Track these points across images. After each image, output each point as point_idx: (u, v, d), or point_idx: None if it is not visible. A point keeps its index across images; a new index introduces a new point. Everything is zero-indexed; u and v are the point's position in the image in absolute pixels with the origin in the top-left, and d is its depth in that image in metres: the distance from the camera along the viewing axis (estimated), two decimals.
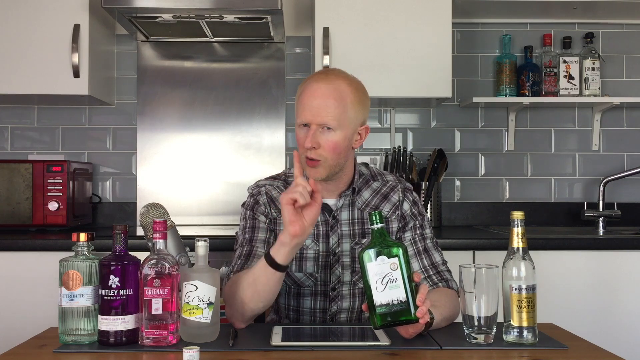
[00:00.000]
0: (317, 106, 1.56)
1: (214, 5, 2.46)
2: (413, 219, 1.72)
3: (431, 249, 1.70)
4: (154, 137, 2.95)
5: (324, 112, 1.55)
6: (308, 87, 1.60)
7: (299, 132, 1.60)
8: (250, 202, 1.72)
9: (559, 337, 1.43)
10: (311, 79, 1.62)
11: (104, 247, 1.72)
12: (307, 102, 1.57)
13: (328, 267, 1.67)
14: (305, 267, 1.67)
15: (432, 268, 1.67)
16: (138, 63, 2.98)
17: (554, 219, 3.03)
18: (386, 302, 1.30)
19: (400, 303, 1.30)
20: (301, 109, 1.59)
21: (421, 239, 1.70)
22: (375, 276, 1.31)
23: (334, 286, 1.68)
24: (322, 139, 1.57)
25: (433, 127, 3.06)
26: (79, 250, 1.36)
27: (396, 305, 1.30)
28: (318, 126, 1.56)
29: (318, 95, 1.57)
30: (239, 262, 1.62)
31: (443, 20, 2.68)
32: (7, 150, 2.98)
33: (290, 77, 3.01)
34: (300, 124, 1.59)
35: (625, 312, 2.39)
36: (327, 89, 1.57)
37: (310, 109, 1.56)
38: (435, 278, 1.66)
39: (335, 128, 1.57)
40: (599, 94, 2.94)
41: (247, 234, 1.68)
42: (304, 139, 1.57)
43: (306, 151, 1.57)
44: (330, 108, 1.56)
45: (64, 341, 1.35)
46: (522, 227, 1.36)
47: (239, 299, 1.48)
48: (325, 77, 1.61)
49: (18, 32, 2.62)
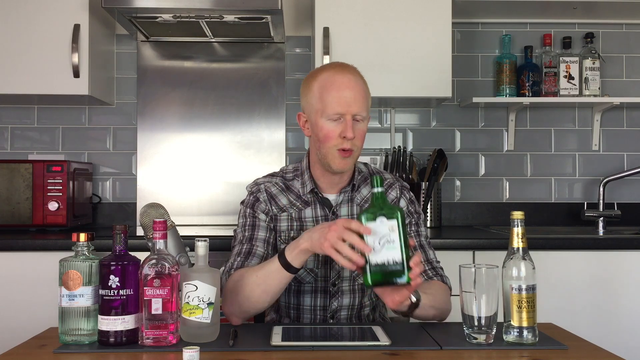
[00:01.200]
0: (351, 97, 1.58)
1: (214, 5, 2.46)
2: (409, 216, 1.74)
3: (426, 246, 1.73)
4: (154, 137, 2.95)
5: (358, 103, 1.59)
6: (334, 80, 1.60)
7: (328, 125, 1.60)
8: (250, 200, 1.72)
9: (559, 337, 1.43)
10: (330, 71, 1.63)
11: (104, 247, 1.72)
12: (338, 94, 1.58)
13: (328, 262, 1.68)
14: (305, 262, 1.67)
15: (427, 263, 1.70)
16: (138, 63, 2.98)
17: (554, 219, 3.03)
18: (381, 262, 1.32)
19: (395, 264, 1.32)
20: (332, 101, 1.59)
21: (417, 235, 1.73)
22: (373, 236, 1.32)
23: (334, 282, 1.69)
24: (355, 128, 1.60)
25: (433, 127, 3.06)
26: (79, 250, 1.36)
27: (391, 265, 1.32)
28: (352, 116, 1.59)
29: (349, 87, 1.59)
30: (238, 259, 1.63)
31: (443, 20, 2.68)
32: (7, 150, 2.98)
33: (290, 77, 3.01)
34: (333, 115, 1.59)
35: (625, 312, 2.39)
36: (354, 80, 1.61)
37: (345, 99, 1.58)
38: (430, 272, 1.69)
39: (364, 118, 1.62)
40: (599, 94, 2.94)
41: (247, 232, 1.68)
42: (337, 130, 1.59)
43: (342, 142, 1.59)
44: (362, 99, 1.60)
45: (64, 341, 1.35)
46: (522, 227, 1.36)
47: (243, 296, 1.50)
48: (346, 69, 1.64)
49: (18, 32, 2.62)
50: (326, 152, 1.62)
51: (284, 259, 1.46)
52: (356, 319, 1.72)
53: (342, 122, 1.59)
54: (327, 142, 1.60)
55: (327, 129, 1.60)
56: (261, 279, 1.49)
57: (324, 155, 1.63)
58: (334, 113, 1.58)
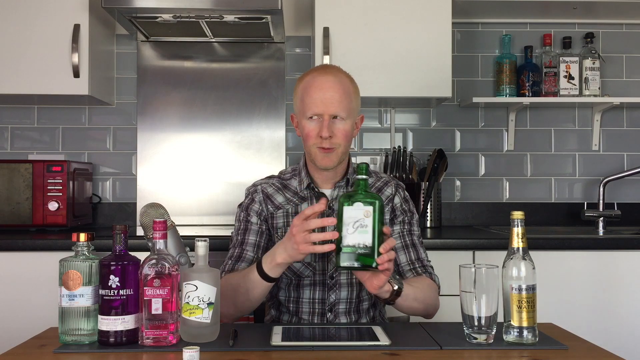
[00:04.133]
0: (329, 98, 1.63)
1: (214, 5, 2.46)
2: (403, 214, 1.77)
3: (418, 245, 1.75)
4: (154, 137, 2.95)
5: (336, 103, 1.64)
6: (314, 81, 1.66)
7: (308, 125, 1.66)
8: (245, 203, 1.78)
9: (559, 337, 1.43)
10: (313, 74, 1.69)
11: (104, 247, 1.72)
12: (317, 95, 1.64)
13: (325, 255, 1.70)
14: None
15: (418, 261, 1.73)
16: (138, 63, 2.98)
17: (554, 219, 3.03)
18: (353, 244, 1.36)
19: (365, 247, 1.36)
20: (310, 102, 1.65)
21: (409, 234, 1.75)
22: (349, 219, 1.37)
23: (331, 274, 1.71)
24: (334, 128, 1.65)
25: (433, 127, 3.06)
26: (79, 250, 1.36)
27: (361, 248, 1.36)
28: (330, 116, 1.63)
29: (327, 88, 1.64)
30: (229, 262, 1.70)
31: (443, 20, 2.68)
32: (7, 150, 2.98)
33: (290, 77, 3.01)
34: (311, 116, 1.65)
35: (625, 312, 2.39)
36: (334, 81, 1.65)
37: (322, 100, 1.63)
38: (419, 270, 1.71)
39: (345, 118, 1.66)
40: (599, 94, 2.94)
41: (240, 235, 1.74)
42: (316, 130, 1.65)
43: (321, 141, 1.64)
44: (340, 99, 1.64)
45: (64, 341, 1.35)
46: (522, 227, 1.36)
47: (230, 302, 1.57)
48: (328, 70, 1.70)
49: (18, 32, 2.62)
50: (309, 150, 1.69)
51: (262, 270, 1.52)
52: (355, 314, 1.73)
53: (320, 121, 1.64)
54: (308, 140, 1.67)
55: (307, 129, 1.66)
56: (243, 287, 1.57)
57: (308, 153, 1.70)
58: (312, 113, 1.65)
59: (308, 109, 1.65)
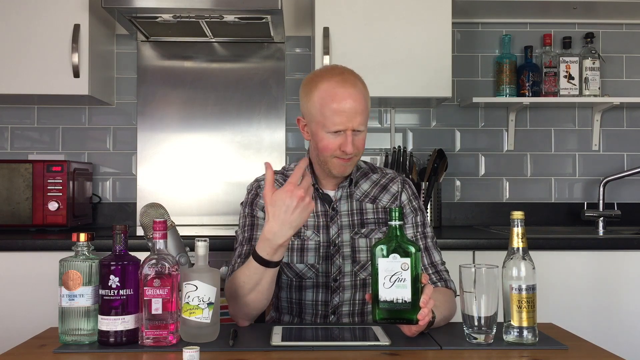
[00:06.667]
0: (352, 112, 1.58)
1: (214, 5, 2.46)
2: (413, 213, 1.74)
3: (431, 248, 1.72)
4: (154, 137, 2.95)
5: (359, 117, 1.59)
6: (336, 94, 1.59)
7: (328, 138, 1.60)
8: (249, 198, 1.74)
9: (559, 337, 1.43)
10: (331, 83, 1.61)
11: (104, 247, 1.72)
12: (339, 109, 1.58)
13: (329, 257, 1.68)
14: (306, 258, 1.68)
15: (432, 267, 1.70)
16: (138, 63, 2.98)
17: (554, 219, 3.03)
18: (390, 299, 1.31)
19: (405, 303, 1.31)
20: (333, 116, 1.58)
21: (422, 237, 1.72)
22: (385, 272, 1.31)
23: (335, 277, 1.69)
24: (355, 139, 1.61)
25: (433, 127, 3.06)
26: (79, 250, 1.36)
27: (400, 304, 1.31)
28: (352, 131, 1.59)
29: (350, 101, 1.58)
30: (239, 260, 1.63)
31: (443, 20, 2.68)
32: (7, 150, 2.98)
33: (290, 77, 3.01)
34: (333, 129, 1.59)
35: (625, 312, 2.39)
36: (356, 94, 1.60)
37: (346, 115, 1.58)
38: (434, 277, 1.68)
39: (364, 129, 1.62)
40: (599, 94, 2.94)
41: (247, 232, 1.69)
42: (337, 143, 1.60)
43: (342, 153, 1.60)
44: (362, 111, 1.60)
45: (64, 341, 1.35)
46: (522, 227, 1.36)
47: (242, 301, 1.50)
48: (347, 80, 1.61)
49: (18, 32, 2.62)
50: (325, 160, 1.64)
51: (260, 258, 1.45)
52: (358, 316, 1.71)
53: (341, 135, 1.60)
54: (326, 152, 1.62)
55: (326, 141, 1.61)
56: (249, 284, 1.48)
57: (323, 162, 1.65)
58: (336, 129, 1.59)
59: (331, 124, 1.58)
